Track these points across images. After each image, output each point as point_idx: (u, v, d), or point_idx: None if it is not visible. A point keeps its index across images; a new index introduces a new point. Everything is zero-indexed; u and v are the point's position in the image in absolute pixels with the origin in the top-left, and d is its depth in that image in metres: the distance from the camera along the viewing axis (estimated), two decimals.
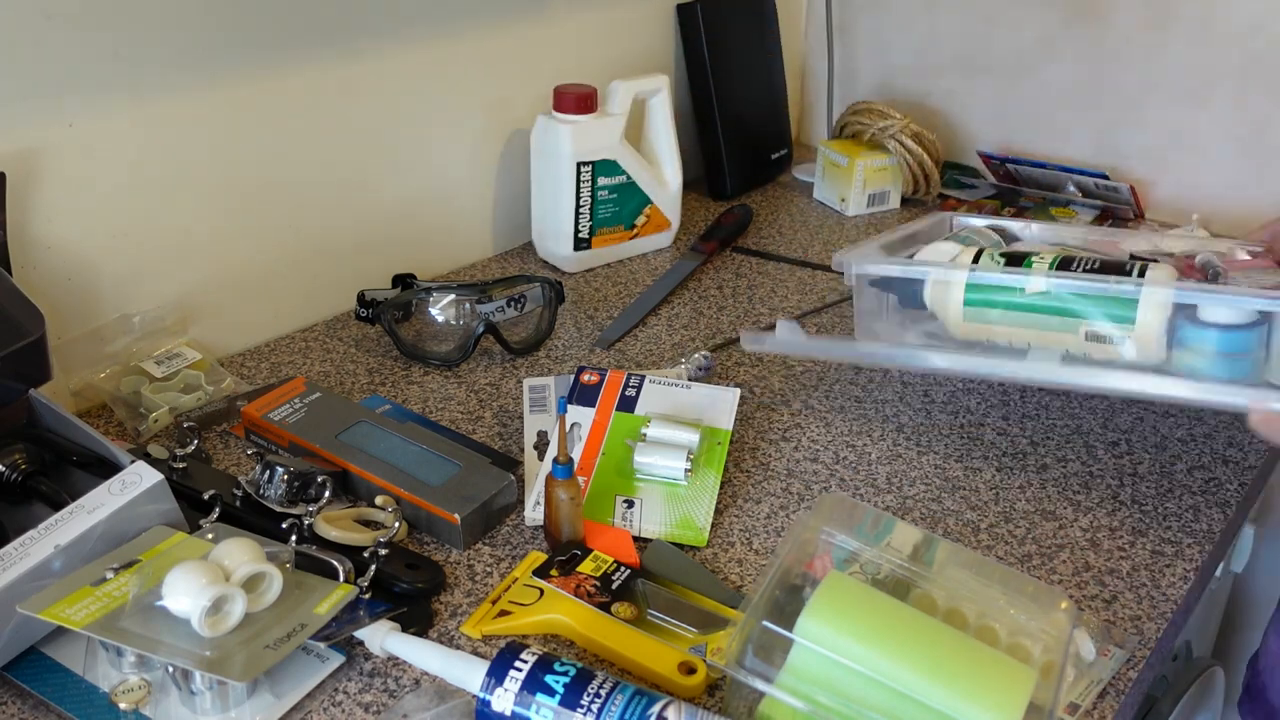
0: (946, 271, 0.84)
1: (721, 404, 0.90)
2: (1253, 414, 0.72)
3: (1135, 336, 0.77)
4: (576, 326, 1.10)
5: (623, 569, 0.73)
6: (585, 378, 0.92)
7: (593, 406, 0.89)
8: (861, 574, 0.66)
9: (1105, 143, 1.41)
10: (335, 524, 0.74)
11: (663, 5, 1.37)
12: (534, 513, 0.79)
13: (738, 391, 0.91)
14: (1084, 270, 0.80)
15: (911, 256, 0.91)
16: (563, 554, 0.74)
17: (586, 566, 0.73)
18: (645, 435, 0.85)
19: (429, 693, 0.64)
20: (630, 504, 0.80)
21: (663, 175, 1.25)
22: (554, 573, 0.72)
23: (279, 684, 0.65)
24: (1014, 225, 1.04)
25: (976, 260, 0.86)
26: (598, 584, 0.71)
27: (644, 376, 0.92)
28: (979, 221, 1.05)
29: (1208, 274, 0.85)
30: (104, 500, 0.67)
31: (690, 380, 0.96)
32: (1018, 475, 0.88)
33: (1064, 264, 0.81)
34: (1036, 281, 0.80)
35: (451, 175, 1.18)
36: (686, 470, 0.82)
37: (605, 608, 0.69)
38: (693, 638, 0.68)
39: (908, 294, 0.88)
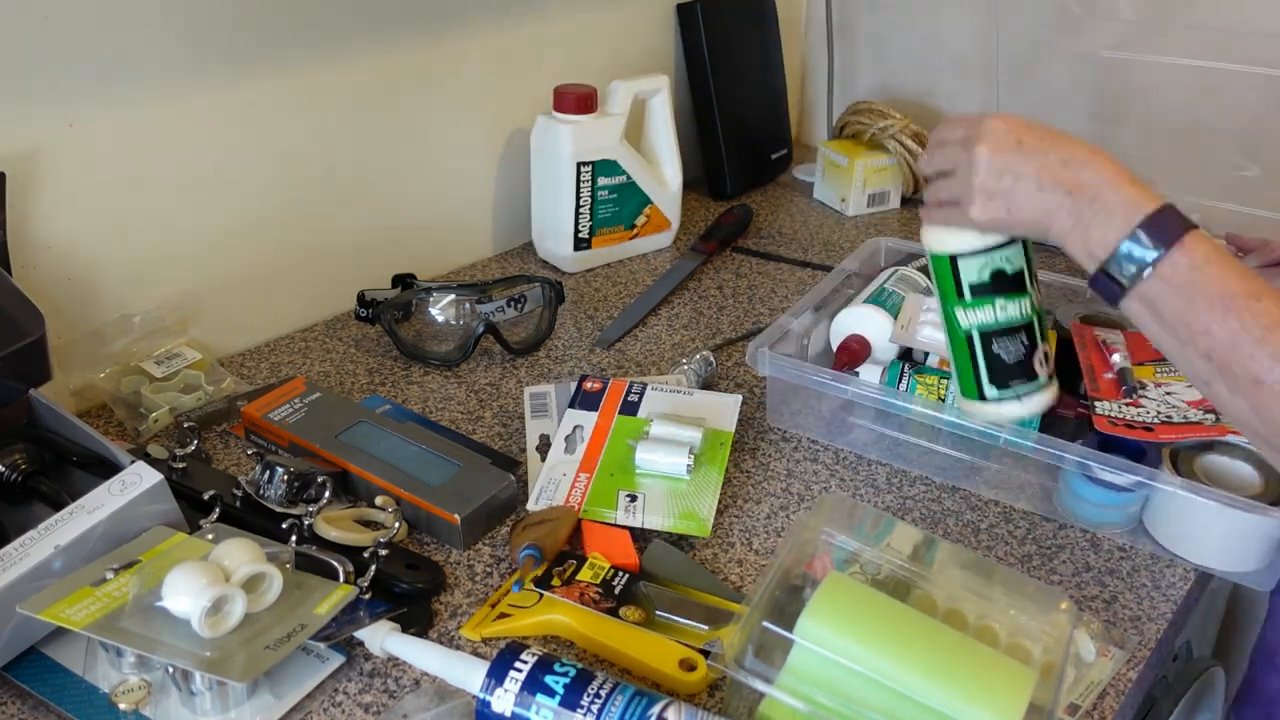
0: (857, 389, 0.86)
1: (723, 408, 0.90)
2: None
3: None
4: (576, 326, 1.10)
5: (621, 574, 0.73)
6: (588, 386, 0.92)
7: (595, 410, 0.89)
8: (861, 574, 0.66)
9: (1105, 143, 1.41)
10: (335, 524, 0.74)
11: (663, 5, 1.37)
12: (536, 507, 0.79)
13: (739, 397, 0.91)
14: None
15: (839, 310, 0.94)
16: (558, 564, 0.74)
17: (585, 574, 0.72)
18: (648, 434, 0.85)
19: (429, 693, 0.64)
20: (633, 498, 0.80)
21: (663, 175, 1.25)
22: (555, 582, 0.72)
23: (279, 684, 0.65)
24: None
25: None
26: (600, 591, 0.71)
27: (645, 385, 0.92)
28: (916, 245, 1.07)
29: (1123, 384, 0.86)
30: (104, 500, 0.67)
31: (692, 386, 0.96)
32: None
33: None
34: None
35: (451, 175, 1.18)
36: (689, 466, 0.82)
37: (613, 613, 0.69)
38: (705, 634, 0.68)
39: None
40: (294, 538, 0.72)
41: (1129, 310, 0.65)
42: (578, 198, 1.17)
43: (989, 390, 0.78)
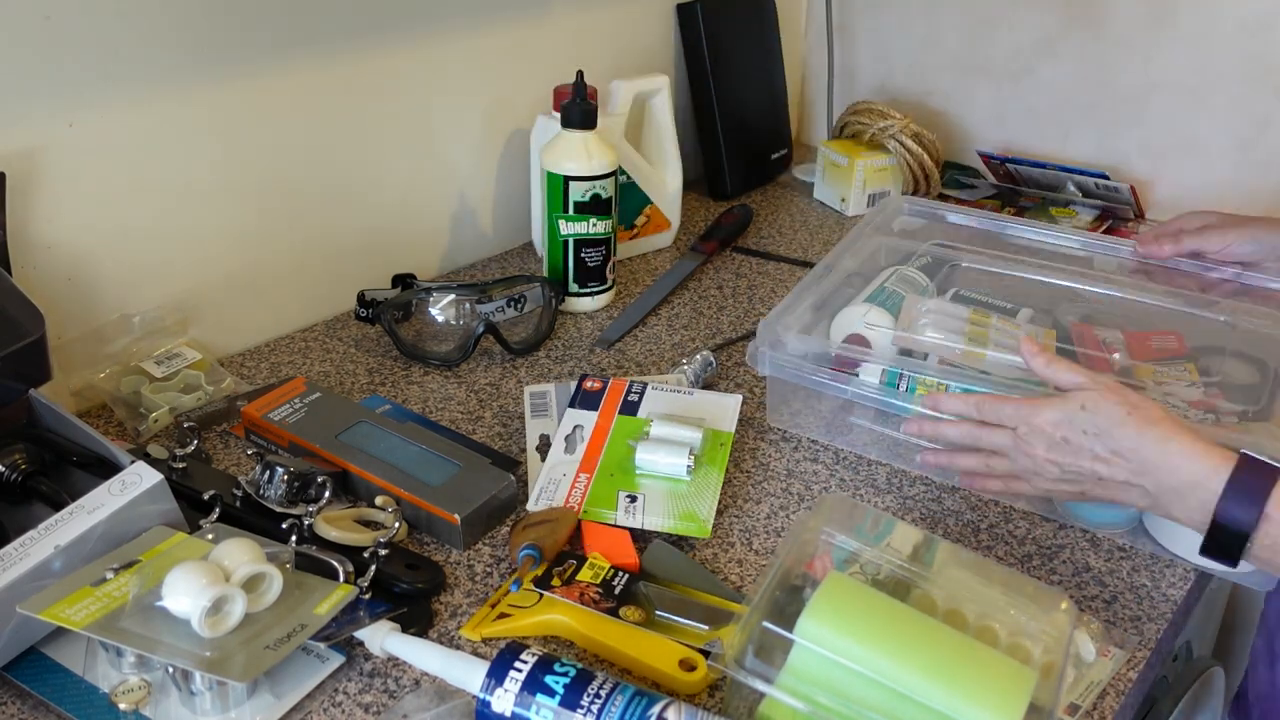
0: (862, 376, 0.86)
1: (724, 408, 0.90)
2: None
3: None
4: (576, 326, 1.10)
5: (621, 574, 0.73)
6: (588, 385, 0.92)
7: (595, 410, 0.89)
8: (861, 574, 0.66)
9: (1105, 143, 1.41)
10: (335, 524, 0.74)
11: (663, 5, 1.37)
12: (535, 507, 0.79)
13: (739, 397, 0.91)
14: None
15: (839, 311, 0.94)
16: (558, 564, 0.74)
17: (585, 575, 0.72)
18: (648, 434, 0.85)
19: (429, 693, 0.64)
20: (633, 499, 0.80)
21: (663, 175, 1.25)
22: (555, 582, 0.72)
23: (279, 684, 0.65)
24: (958, 253, 1.06)
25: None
26: (600, 591, 0.71)
27: (646, 385, 0.92)
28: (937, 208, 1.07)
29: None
30: (104, 500, 0.67)
31: (692, 385, 0.96)
32: None
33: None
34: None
35: (451, 175, 1.18)
36: (689, 467, 0.82)
37: (613, 613, 0.69)
38: (705, 634, 0.68)
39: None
40: (294, 538, 0.72)
41: (1251, 565, 0.66)
42: None
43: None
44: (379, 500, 0.77)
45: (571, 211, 1.07)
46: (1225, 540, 0.64)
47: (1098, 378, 0.72)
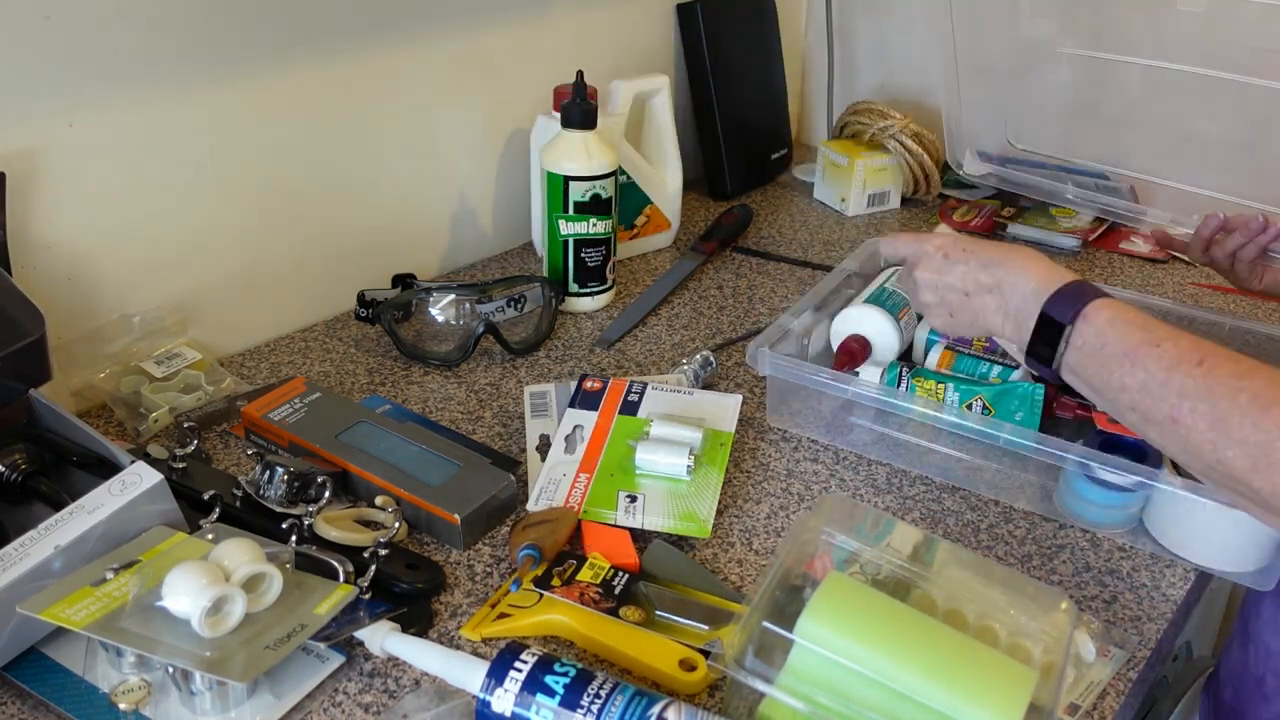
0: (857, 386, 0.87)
1: (724, 408, 0.90)
2: None
3: None
4: (576, 326, 1.10)
5: (621, 574, 0.73)
6: (588, 385, 0.92)
7: (595, 410, 0.89)
8: (861, 574, 0.66)
9: (1105, 143, 1.41)
10: (335, 524, 0.74)
11: (663, 5, 1.37)
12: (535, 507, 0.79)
13: (739, 397, 0.91)
14: None
15: (839, 311, 0.95)
16: (558, 564, 0.74)
17: (585, 574, 0.72)
18: (648, 434, 0.85)
19: (429, 693, 0.64)
20: (633, 499, 0.80)
21: (663, 175, 1.25)
22: (555, 582, 0.72)
23: (279, 684, 0.65)
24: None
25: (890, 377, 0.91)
26: (600, 591, 0.71)
27: (646, 385, 0.92)
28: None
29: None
30: (104, 500, 0.67)
31: (692, 385, 0.96)
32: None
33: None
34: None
35: (451, 175, 1.18)
36: (689, 467, 0.82)
37: (613, 613, 0.69)
38: (705, 634, 0.68)
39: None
40: (294, 538, 0.72)
41: (1069, 383, 0.71)
42: None
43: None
44: (379, 500, 0.77)
45: (571, 211, 1.07)
46: (1047, 337, 0.69)
47: None
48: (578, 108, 1.04)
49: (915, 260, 0.80)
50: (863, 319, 0.93)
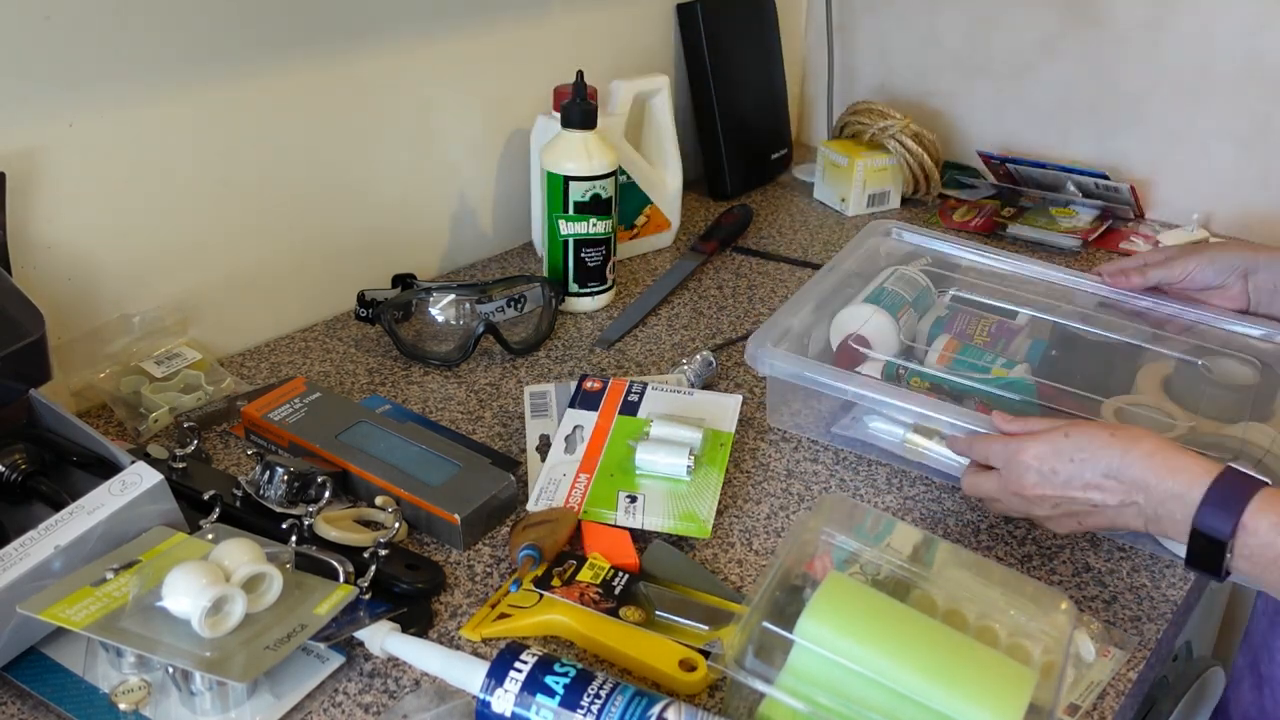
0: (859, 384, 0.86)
1: (724, 408, 0.90)
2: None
3: None
4: (576, 326, 1.10)
5: (621, 574, 0.73)
6: (588, 385, 0.92)
7: (595, 410, 0.89)
8: (861, 575, 0.66)
9: (1105, 143, 1.41)
10: (335, 524, 0.74)
11: (663, 5, 1.37)
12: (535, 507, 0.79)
13: (739, 398, 0.91)
14: None
15: (839, 310, 0.95)
16: (558, 564, 0.74)
17: (585, 575, 0.72)
18: (648, 434, 0.85)
19: (429, 693, 0.64)
20: (633, 499, 0.80)
21: (663, 175, 1.25)
22: (555, 582, 0.72)
23: (279, 684, 0.65)
24: (958, 253, 1.05)
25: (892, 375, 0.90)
26: (600, 591, 0.71)
27: (646, 385, 0.92)
28: (921, 236, 1.08)
29: None
30: (104, 500, 0.67)
31: (692, 385, 0.96)
32: None
33: None
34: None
35: (451, 175, 1.18)
36: (689, 467, 0.81)
37: (613, 613, 0.69)
38: (705, 634, 0.68)
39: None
40: (294, 538, 0.72)
41: (1241, 579, 0.66)
42: None
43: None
44: (379, 500, 0.77)
45: (571, 211, 1.07)
46: (1205, 550, 0.64)
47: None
48: (578, 108, 1.04)
49: (1013, 475, 0.72)
50: (863, 319, 0.93)
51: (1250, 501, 0.62)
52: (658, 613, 0.70)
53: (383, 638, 0.66)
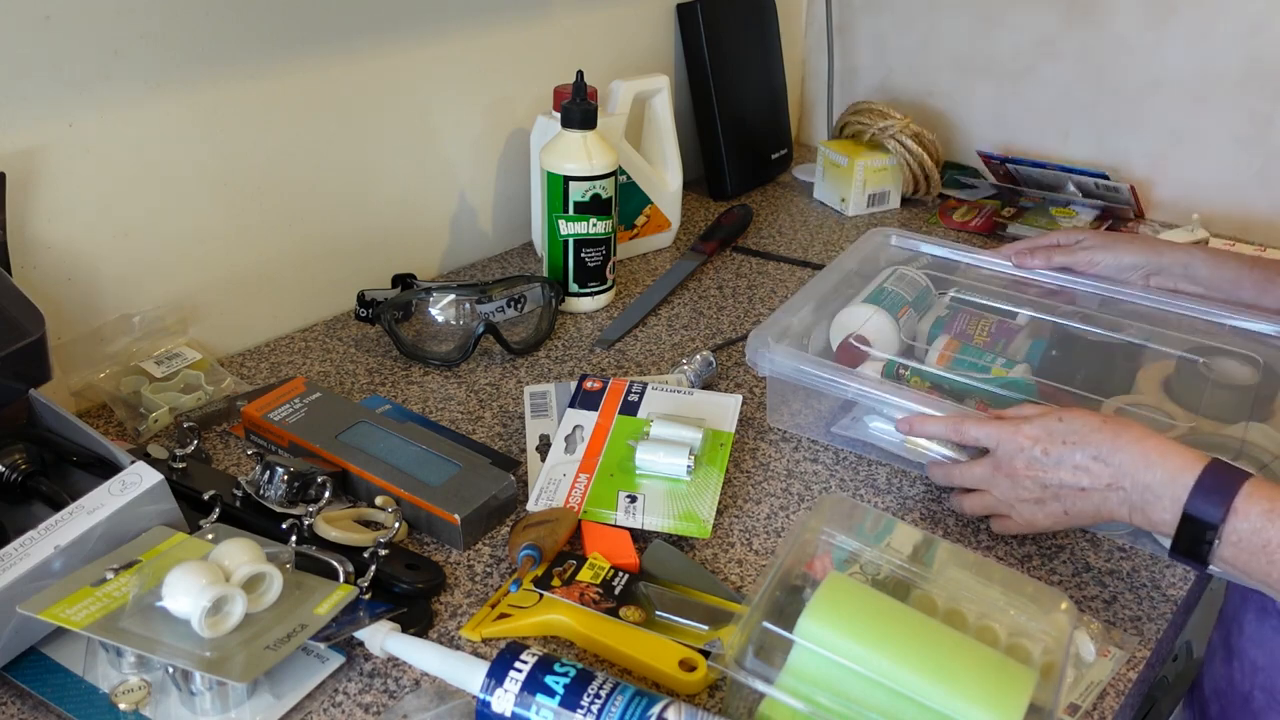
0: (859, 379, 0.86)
1: (724, 408, 0.90)
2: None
3: None
4: (576, 326, 1.10)
5: (621, 574, 0.73)
6: (588, 385, 0.92)
7: (595, 410, 0.89)
8: (861, 575, 0.66)
9: (1105, 143, 1.41)
10: (335, 524, 0.74)
11: (663, 5, 1.37)
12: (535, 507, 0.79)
13: (739, 398, 0.91)
14: None
15: (839, 310, 0.95)
16: (558, 564, 0.74)
17: (585, 575, 0.72)
18: (648, 434, 0.85)
19: (429, 693, 0.64)
20: (633, 499, 0.80)
21: (663, 175, 1.25)
22: (555, 582, 0.72)
23: (279, 684, 0.65)
24: (958, 256, 1.05)
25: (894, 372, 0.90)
26: (600, 591, 0.71)
27: (645, 385, 0.92)
28: (921, 242, 1.08)
29: None
30: (104, 500, 0.67)
31: (692, 385, 0.96)
32: None
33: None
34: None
35: (451, 175, 1.18)
36: (689, 467, 0.81)
37: (613, 613, 0.69)
38: (705, 634, 0.68)
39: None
40: (294, 538, 0.72)
41: (1220, 572, 0.66)
42: None
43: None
44: (379, 500, 0.77)
45: (571, 211, 1.07)
46: (1194, 535, 0.65)
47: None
48: (578, 108, 1.04)
49: (1005, 455, 0.73)
50: (863, 318, 0.93)
51: (1241, 488, 0.64)
52: (658, 613, 0.70)
53: (383, 638, 0.66)
